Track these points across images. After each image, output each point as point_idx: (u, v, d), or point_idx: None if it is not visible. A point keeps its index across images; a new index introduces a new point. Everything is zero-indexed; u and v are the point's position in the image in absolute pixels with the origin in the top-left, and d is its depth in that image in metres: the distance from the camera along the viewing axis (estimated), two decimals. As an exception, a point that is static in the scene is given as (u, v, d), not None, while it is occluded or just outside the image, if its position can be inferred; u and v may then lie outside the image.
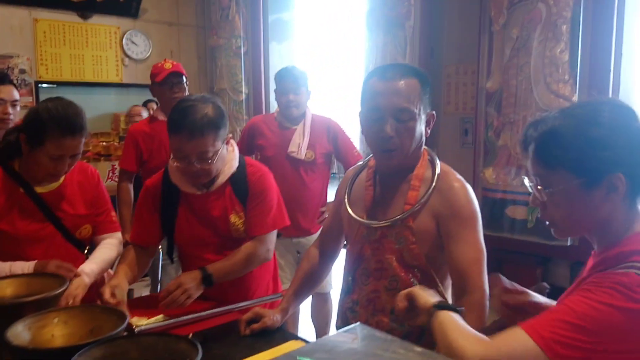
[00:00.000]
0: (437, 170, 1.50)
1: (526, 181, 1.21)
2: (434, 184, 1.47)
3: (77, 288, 1.76)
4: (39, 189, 1.86)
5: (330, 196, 3.31)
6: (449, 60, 4.47)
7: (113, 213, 2.08)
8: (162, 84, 2.96)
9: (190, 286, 1.72)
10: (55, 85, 5.75)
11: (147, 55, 6.11)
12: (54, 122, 1.73)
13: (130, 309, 1.82)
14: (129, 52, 6.03)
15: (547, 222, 1.18)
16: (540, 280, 4.16)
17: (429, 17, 4.47)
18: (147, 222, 1.91)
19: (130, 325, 1.52)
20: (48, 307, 1.30)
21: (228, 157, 1.84)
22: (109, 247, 2.00)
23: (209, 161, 1.73)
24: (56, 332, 1.19)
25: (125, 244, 2.83)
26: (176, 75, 2.98)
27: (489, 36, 4.07)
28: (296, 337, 1.63)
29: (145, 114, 5.26)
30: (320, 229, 1.89)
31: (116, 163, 5.22)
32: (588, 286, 1.04)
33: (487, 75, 4.11)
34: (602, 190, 1.07)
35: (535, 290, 1.24)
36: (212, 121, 1.73)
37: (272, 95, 6.06)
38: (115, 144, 5.71)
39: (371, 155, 1.64)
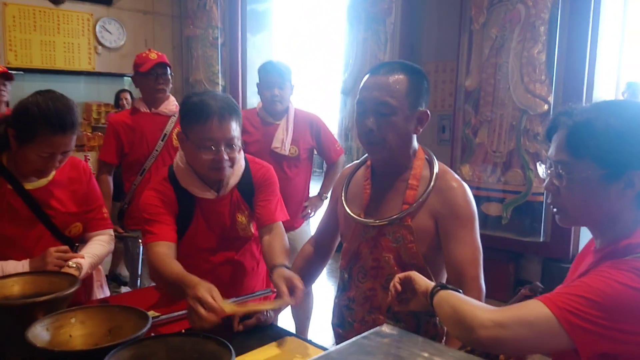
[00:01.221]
0: (436, 170, 1.51)
1: (540, 169, 1.23)
2: (432, 184, 1.48)
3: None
4: (28, 186, 1.74)
5: (313, 191, 3.31)
6: (429, 57, 4.51)
7: (104, 209, 2.00)
8: (147, 74, 2.89)
9: None
10: (23, 72, 5.58)
11: (121, 43, 5.99)
12: (45, 119, 1.61)
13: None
14: (102, 40, 5.90)
15: (556, 209, 1.20)
16: (513, 276, 4.27)
17: (410, 14, 4.50)
18: (170, 222, 1.74)
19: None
20: (59, 307, 1.26)
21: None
22: (101, 243, 1.93)
23: (235, 147, 1.70)
24: (74, 332, 1.17)
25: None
26: (162, 66, 2.91)
27: (469, 35, 4.13)
28: (290, 334, 1.62)
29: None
30: (316, 227, 1.87)
31: (89, 154, 5.12)
32: (604, 268, 1.06)
33: (466, 74, 4.17)
34: (620, 185, 1.10)
35: (529, 290, 1.25)
36: (234, 105, 1.71)
37: (250, 88, 6.07)
38: (88, 134, 5.58)
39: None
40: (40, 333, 1.09)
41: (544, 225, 3.84)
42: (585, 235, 1.25)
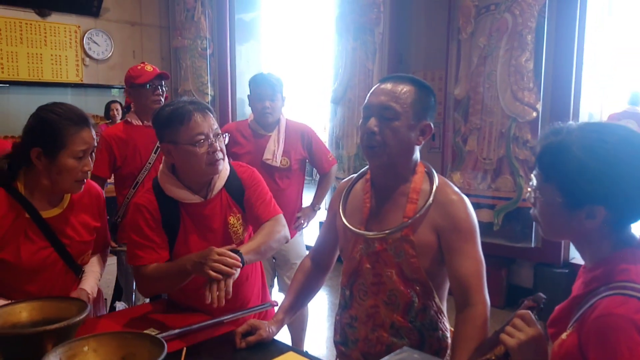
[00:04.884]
0: (436, 183, 1.52)
1: (533, 177, 1.21)
2: (432, 197, 1.49)
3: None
4: (45, 214, 1.72)
5: (305, 202, 3.31)
6: (417, 66, 4.55)
7: (106, 227, 2.01)
8: (145, 86, 2.87)
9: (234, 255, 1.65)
10: (8, 85, 5.54)
11: (109, 55, 5.97)
12: (68, 119, 1.64)
13: (112, 324, 1.77)
14: (89, 52, 5.87)
15: (535, 221, 1.22)
16: (505, 282, 4.29)
17: (398, 24, 4.54)
18: (156, 239, 1.80)
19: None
20: (69, 334, 1.25)
21: None
22: (99, 260, 1.95)
23: (222, 139, 1.78)
24: None
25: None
26: (162, 78, 2.91)
27: (457, 44, 4.17)
28: (293, 349, 1.62)
29: None
30: (315, 241, 1.87)
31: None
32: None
33: (455, 82, 4.21)
34: (582, 214, 1.09)
35: (533, 301, 1.24)
36: (205, 104, 1.83)
37: (240, 97, 6.07)
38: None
39: (367, 167, 1.65)
40: (54, 364, 1.07)
41: (535, 230, 3.88)
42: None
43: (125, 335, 1.22)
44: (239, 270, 1.64)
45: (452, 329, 1.52)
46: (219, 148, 1.75)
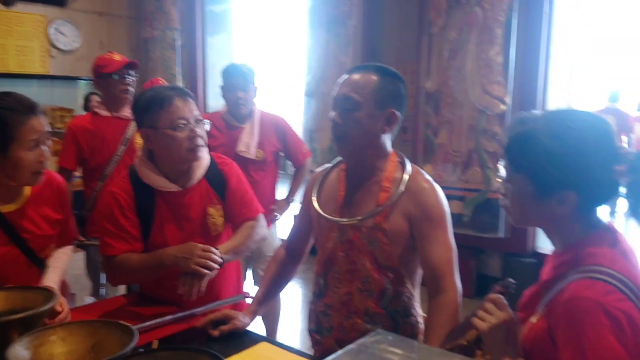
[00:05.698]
0: (408, 172, 1.52)
1: (501, 169, 1.24)
2: (403, 185, 1.52)
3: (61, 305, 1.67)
4: (2, 209, 1.66)
5: (280, 194, 3.30)
6: (389, 60, 4.56)
7: (71, 220, 1.95)
8: (114, 75, 2.80)
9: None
10: (-28, 76, 5.37)
11: (76, 46, 5.83)
12: (12, 110, 1.56)
13: (83, 317, 1.74)
14: (56, 43, 5.73)
15: (506, 211, 1.25)
16: (474, 271, 4.37)
17: (370, 17, 4.56)
18: (131, 231, 1.77)
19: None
20: (36, 323, 1.22)
21: None
22: (63, 254, 1.90)
23: (202, 126, 1.76)
24: (55, 350, 1.11)
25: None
26: (130, 67, 2.85)
27: (428, 38, 4.21)
28: (267, 339, 1.62)
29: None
30: (289, 231, 1.87)
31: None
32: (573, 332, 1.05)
33: (426, 76, 4.25)
34: (553, 200, 1.11)
35: (501, 286, 1.27)
36: (186, 90, 1.81)
37: (211, 90, 6.01)
38: (43, 139, 5.41)
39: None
40: (20, 353, 1.04)
41: (504, 221, 3.96)
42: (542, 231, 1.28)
43: (94, 323, 1.19)
44: (216, 270, 1.66)
45: (425, 316, 1.55)
46: (199, 134, 1.73)
